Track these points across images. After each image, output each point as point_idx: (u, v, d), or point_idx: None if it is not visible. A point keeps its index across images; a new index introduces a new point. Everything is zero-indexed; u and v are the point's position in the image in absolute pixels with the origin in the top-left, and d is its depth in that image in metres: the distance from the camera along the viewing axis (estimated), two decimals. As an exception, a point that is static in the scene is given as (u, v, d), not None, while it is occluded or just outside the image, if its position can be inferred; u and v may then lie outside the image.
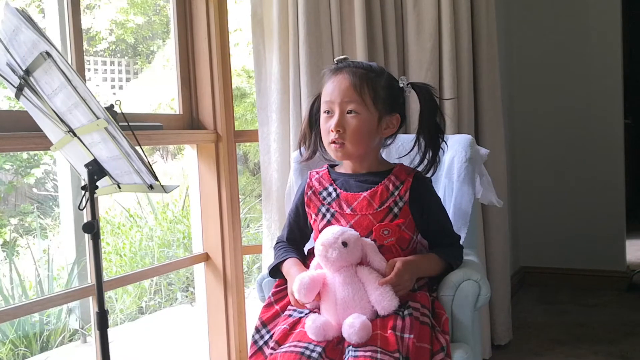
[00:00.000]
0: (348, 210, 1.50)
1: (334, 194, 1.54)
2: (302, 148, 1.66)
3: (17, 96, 1.45)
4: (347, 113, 1.49)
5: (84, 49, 1.99)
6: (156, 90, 4.87)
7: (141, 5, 5.25)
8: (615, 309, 3.25)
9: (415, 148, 1.57)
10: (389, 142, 1.63)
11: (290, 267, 1.54)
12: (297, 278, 1.42)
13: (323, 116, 1.54)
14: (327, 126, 1.51)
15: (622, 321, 3.04)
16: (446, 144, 1.61)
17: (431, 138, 1.56)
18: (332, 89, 1.51)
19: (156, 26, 5.40)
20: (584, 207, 3.69)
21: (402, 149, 1.70)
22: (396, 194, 1.50)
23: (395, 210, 1.49)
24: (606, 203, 3.64)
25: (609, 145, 3.64)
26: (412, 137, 1.60)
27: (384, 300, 1.37)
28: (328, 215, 1.53)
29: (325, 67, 1.61)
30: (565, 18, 3.68)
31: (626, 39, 3.80)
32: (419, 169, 1.57)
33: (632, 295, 3.48)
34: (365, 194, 1.51)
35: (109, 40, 5.19)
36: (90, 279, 1.97)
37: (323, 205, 1.55)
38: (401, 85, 1.55)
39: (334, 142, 1.50)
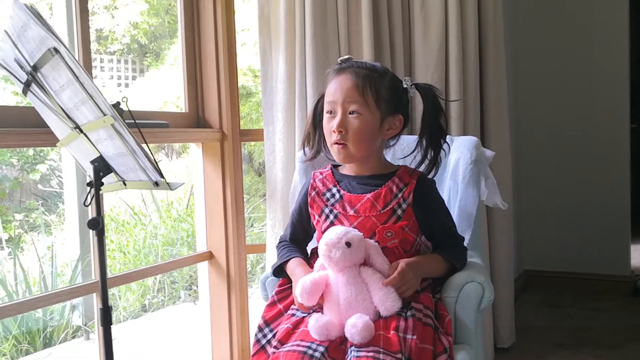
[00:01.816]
0: (351, 212, 1.50)
1: (337, 196, 1.54)
2: (307, 148, 1.66)
3: (25, 92, 1.46)
4: (350, 114, 1.48)
5: (93, 48, 1.99)
6: (163, 88, 4.88)
7: (155, 7, 5.26)
8: (619, 313, 3.24)
9: (418, 148, 1.57)
10: (392, 143, 1.62)
11: (295, 267, 1.54)
12: (299, 282, 1.42)
13: (326, 116, 1.53)
14: (330, 127, 1.51)
15: (625, 326, 3.04)
16: (448, 144, 1.61)
17: (433, 138, 1.56)
18: (335, 89, 1.50)
19: (165, 25, 5.41)
20: (589, 212, 3.68)
21: (407, 149, 1.70)
22: (400, 196, 1.50)
23: (399, 212, 1.48)
24: (611, 207, 3.63)
25: (615, 150, 3.63)
26: (416, 138, 1.60)
27: (387, 300, 1.36)
28: (331, 217, 1.53)
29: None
30: (572, 22, 3.67)
31: (633, 43, 3.79)
32: (421, 169, 1.57)
33: (637, 300, 3.47)
34: (368, 195, 1.50)
35: (122, 41, 5.20)
36: (94, 276, 1.98)
37: (326, 206, 1.55)
38: (405, 86, 1.55)
39: (336, 144, 1.50)
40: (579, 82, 3.67)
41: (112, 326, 1.47)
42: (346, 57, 1.57)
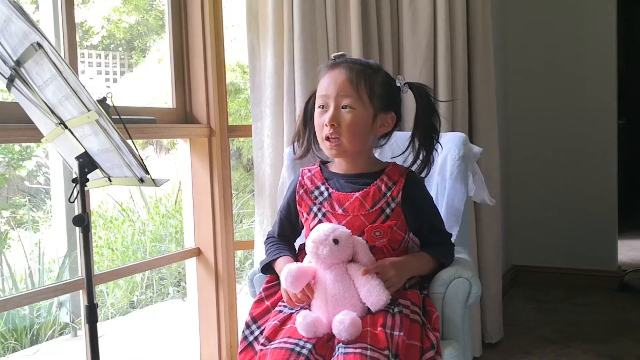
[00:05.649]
0: (340, 211, 1.49)
1: (325, 194, 1.53)
2: (296, 145, 1.65)
3: (8, 87, 1.44)
4: (342, 108, 1.47)
5: (79, 42, 1.97)
6: (151, 84, 4.85)
7: (135, 4, 5.22)
8: (606, 308, 3.27)
9: (410, 148, 1.56)
10: (383, 142, 1.60)
11: (284, 265, 1.53)
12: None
13: (317, 111, 1.52)
14: (321, 120, 1.49)
15: (612, 321, 3.06)
16: (441, 145, 1.60)
17: (426, 138, 1.55)
18: (328, 83, 1.49)
19: (151, 21, 5.37)
20: (576, 207, 3.70)
21: (395, 146, 1.69)
22: (388, 195, 1.49)
23: (388, 211, 1.48)
24: (598, 203, 3.65)
25: (602, 145, 3.65)
26: (406, 134, 1.59)
27: (371, 295, 1.36)
28: (320, 215, 1.52)
29: (321, 63, 1.60)
30: (560, 18, 3.68)
31: (621, 39, 3.80)
32: (412, 169, 1.56)
33: (623, 295, 3.50)
34: (357, 194, 1.49)
35: (102, 34, 5.16)
36: (81, 272, 1.96)
37: (315, 204, 1.54)
38: (398, 84, 1.54)
39: (328, 139, 1.48)
40: (567, 77, 3.69)
41: (98, 323, 1.46)
42: (340, 53, 1.56)
